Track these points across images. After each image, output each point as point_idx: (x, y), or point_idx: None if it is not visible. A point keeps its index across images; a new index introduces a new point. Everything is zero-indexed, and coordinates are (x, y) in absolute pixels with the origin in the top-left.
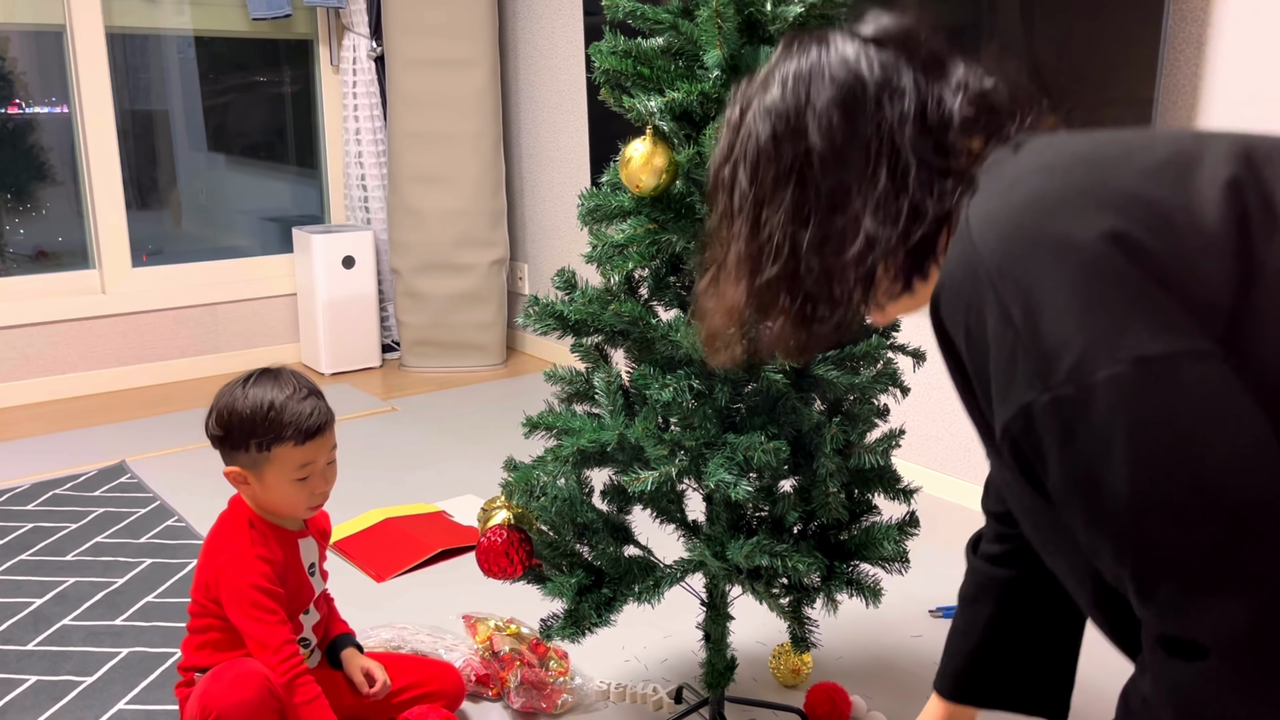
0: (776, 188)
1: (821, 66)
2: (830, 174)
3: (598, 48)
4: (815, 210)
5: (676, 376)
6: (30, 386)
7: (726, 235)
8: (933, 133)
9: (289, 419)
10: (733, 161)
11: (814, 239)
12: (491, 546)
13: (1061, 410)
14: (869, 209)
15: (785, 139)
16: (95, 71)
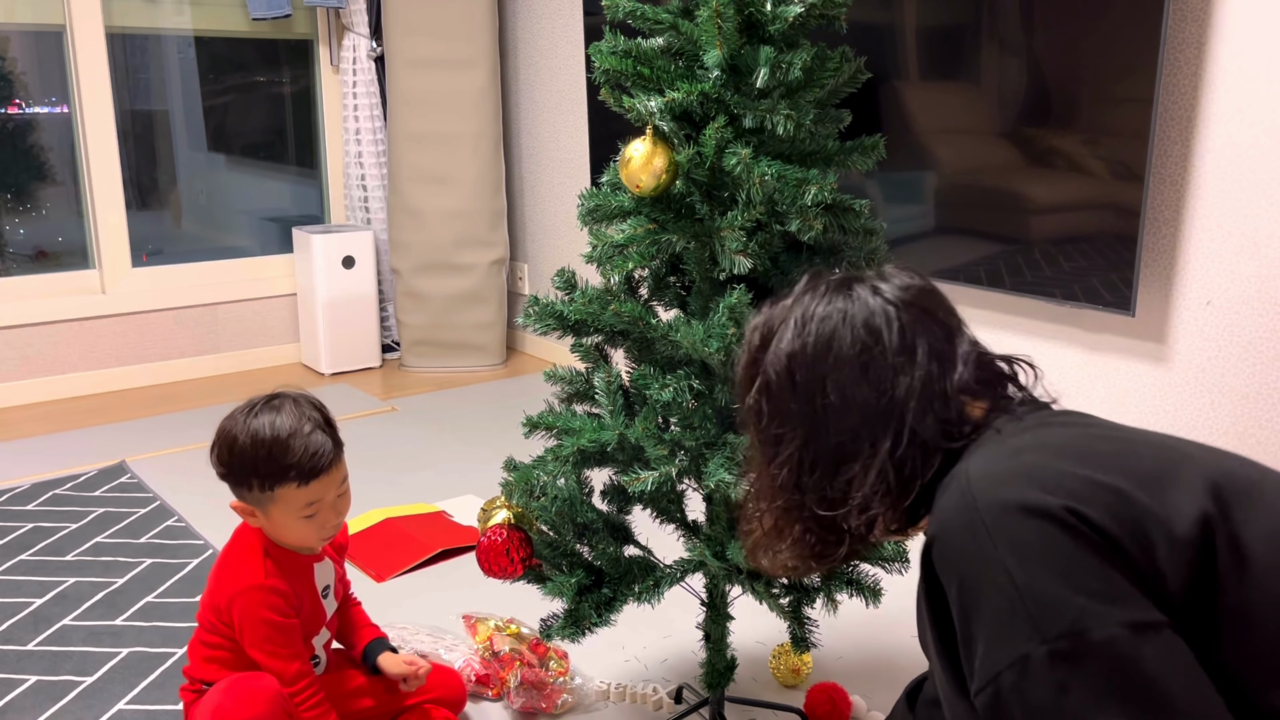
0: (789, 428)
1: (847, 320)
2: (837, 432)
3: (598, 48)
4: (820, 461)
5: (676, 376)
6: (30, 386)
7: (758, 456)
8: (935, 410)
9: (291, 460)
10: (755, 392)
11: (817, 486)
12: (492, 546)
13: (1057, 664)
14: (869, 475)
15: (802, 387)
16: (95, 71)
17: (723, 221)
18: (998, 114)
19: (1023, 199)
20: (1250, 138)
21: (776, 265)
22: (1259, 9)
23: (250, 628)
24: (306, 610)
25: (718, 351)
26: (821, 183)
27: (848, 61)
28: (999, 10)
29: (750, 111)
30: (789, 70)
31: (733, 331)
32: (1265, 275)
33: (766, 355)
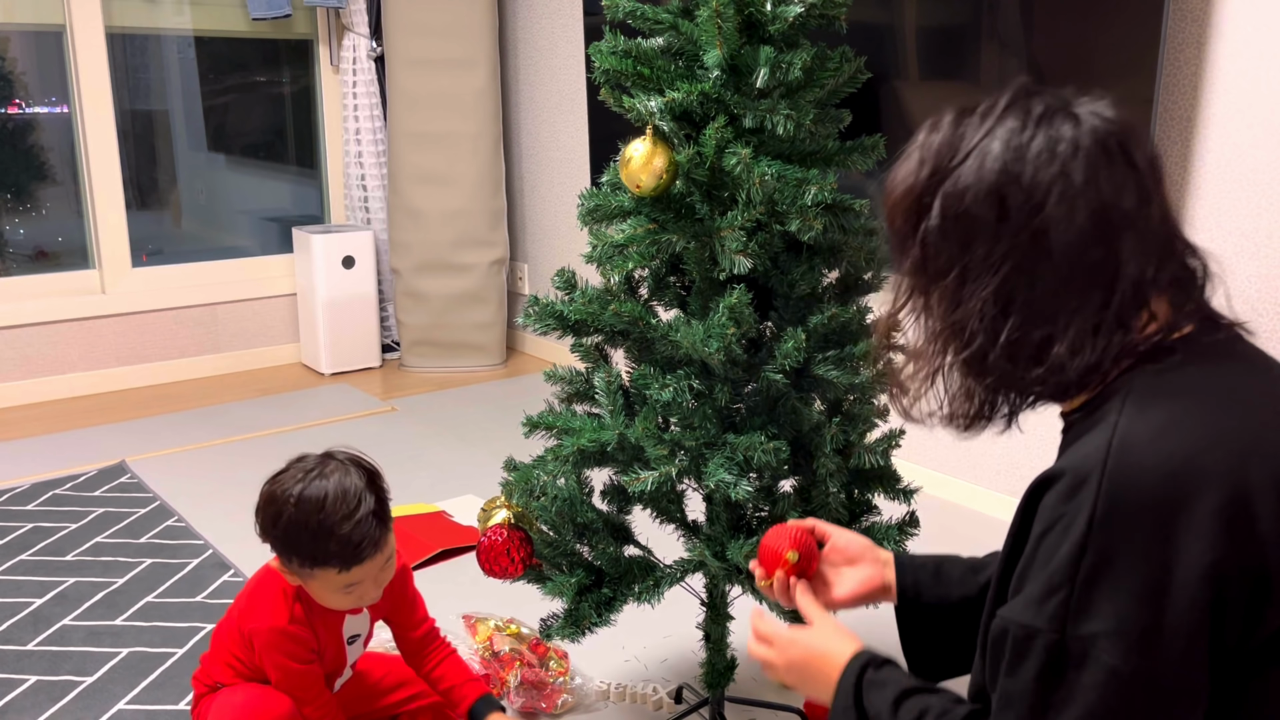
0: (987, 269)
1: (1080, 154)
2: (1052, 280)
3: (598, 48)
4: (1019, 312)
5: (676, 376)
6: (30, 386)
7: (921, 289)
8: (1141, 284)
9: (334, 547)
10: (939, 214)
11: (1007, 342)
12: (492, 546)
13: (1055, 657)
14: (1069, 334)
15: (1017, 218)
16: (95, 71)
17: (723, 221)
18: None
19: None
20: (1250, 138)
21: (776, 265)
22: (1259, 9)
23: (269, 665)
24: (329, 657)
25: (718, 351)
26: (821, 183)
27: (848, 61)
28: (999, 10)
29: (750, 111)
30: (789, 70)
31: (732, 331)
32: (1265, 275)
33: (962, 169)
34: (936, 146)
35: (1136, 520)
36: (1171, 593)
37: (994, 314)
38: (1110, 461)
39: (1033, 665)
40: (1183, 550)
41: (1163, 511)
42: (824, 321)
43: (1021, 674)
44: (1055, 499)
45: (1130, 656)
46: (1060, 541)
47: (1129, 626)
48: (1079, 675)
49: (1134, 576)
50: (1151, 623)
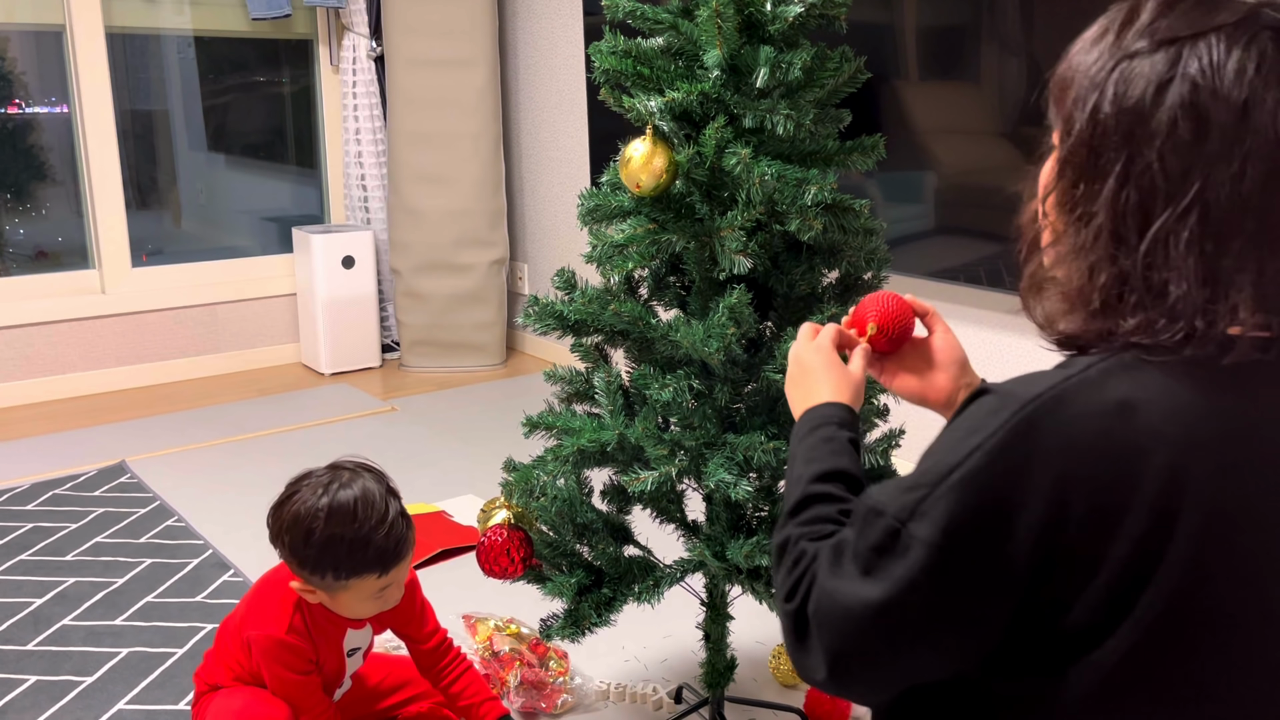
0: (1144, 178)
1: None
2: (1204, 214)
3: (597, 48)
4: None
5: (676, 376)
6: (30, 386)
7: (1075, 178)
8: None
9: (374, 553)
10: (1113, 99)
11: (1132, 231)
12: (492, 546)
13: (888, 539)
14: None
15: (1191, 133)
16: (95, 71)
17: (723, 221)
18: (998, 114)
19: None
20: None
21: (776, 265)
22: None
23: (268, 673)
24: (328, 669)
25: (718, 351)
26: (821, 183)
27: (848, 61)
28: (999, 10)
29: (750, 111)
30: (789, 70)
31: (732, 331)
32: None
33: (1156, 59)
34: (1136, 26)
35: (1016, 465)
36: (1001, 537)
37: (1147, 236)
38: (1041, 401)
39: (872, 535)
40: (1031, 508)
41: (1049, 469)
42: (824, 321)
43: (865, 536)
44: (976, 409)
45: (931, 567)
46: (952, 447)
47: (945, 537)
48: (895, 562)
49: (980, 503)
50: (961, 553)
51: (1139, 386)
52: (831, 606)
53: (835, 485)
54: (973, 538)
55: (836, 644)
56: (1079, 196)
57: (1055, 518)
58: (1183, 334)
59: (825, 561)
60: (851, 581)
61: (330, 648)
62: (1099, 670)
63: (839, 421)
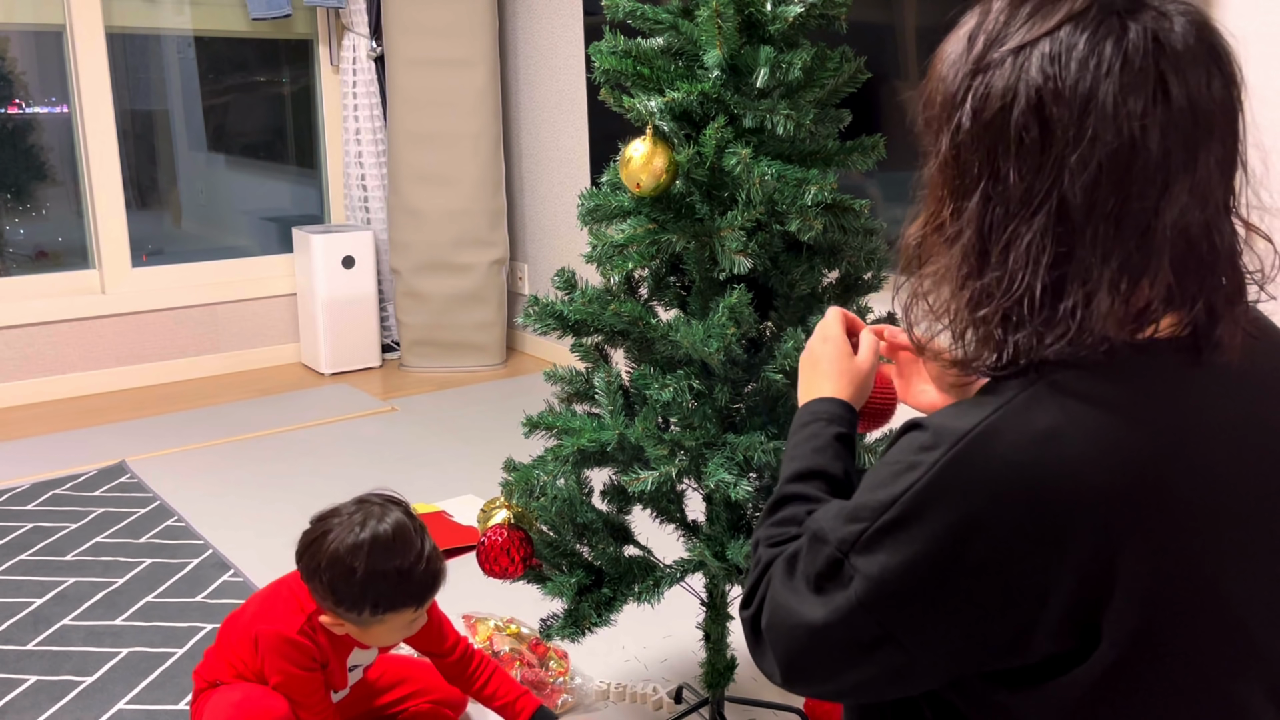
0: (1009, 190)
1: (1108, 75)
2: (1077, 211)
3: (598, 48)
4: (1026, 233)
5: (676, 376)
6: (30, 386)
7: (946, 196)
8: (1131, 256)
9: (415, 588)
10: (970, 115)
11: (1001, 256)
12: (492, 546)
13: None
14: (1083, 278)
15: (1057, 133)
16: (95, 71)
17: (723, 221)
18: None
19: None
20: (1249, 139)
21: (776, 265)
22: (1258, 9)
23: (271, 668)
24: (331, 673)
25: (718, 351)
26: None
27: (848, 61)
28: None
29: (750, 111)
30: (789, 70)
31: (732, 331)
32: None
33: (993, 80)
34: (985, 32)
35: (953, 503)
36: (938, 574)
37: (992, 229)
38: (971, 437)
39: (818, 562)
40: (967, 543)
41: (981, 506)
42: None
43: (811, 560)
44: (909, 443)
45: (870, 604)
46: (888, 482)
47: (886, 580)
48: (838, 591)
49: (919, 546)
50: (902, 589)
51: (1063, 412)
52: (781, 620)
53: (810, 484)
54: (909, 574)
55: (786, 655)
56: (946, 216)
57: (992, 553)
58: (1069, 342)
59: (780, 575)
60: (799, 598)
61: (335, 661)
62: (1072, 688)
63: (828, 417)
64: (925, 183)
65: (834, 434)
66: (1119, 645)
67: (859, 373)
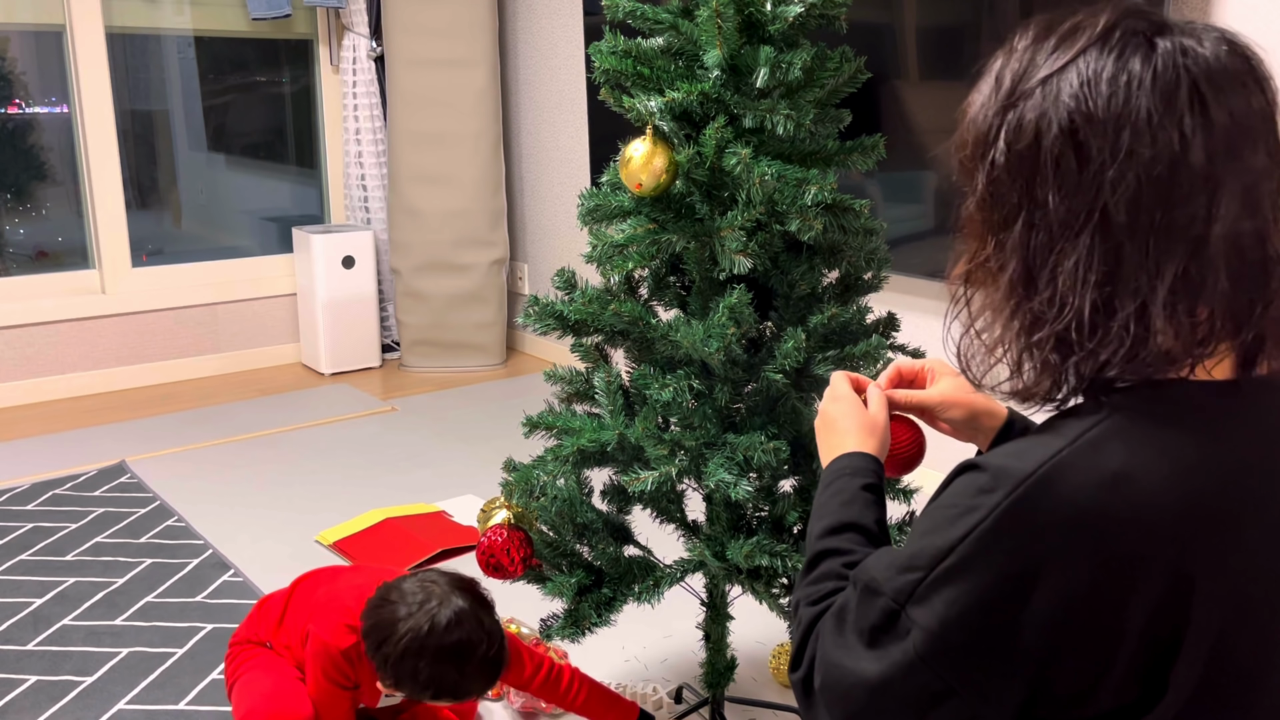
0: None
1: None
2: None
3: (598, 48)
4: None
5: (676, 376)
6: (30, 386)
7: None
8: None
9: (475, 686)
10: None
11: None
12: (492, 546)
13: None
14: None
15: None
16: (95, 71)
17: (723, 221)
18: None
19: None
20: None
21: (776, 265)
22: (1258, 9)
23: (310, 671)
24: (364, 693)
25: (718, 351)
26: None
27: (848, 61)
28: (999, 10)
29: (750, 111)
30: (789, 70)
31: (732, 331)
32: None
33: (1024, 111)
34: (1011, 70)
35: (1016, 548)
36: (1001, 622)
37: (1057, 271)
38: (1035, 480)
39: (871, 615)
40: (1032, 590)
41: (1045, 552)
42: (824, 321)
43: (864, 613)
44: (967, 484)
45: (930, 657)
46: (944, 527)
47: (946, 632)
48: (895, 644)
49: (980, 595)
50: (964, 641)
51: (1130, 453)
52: (836, 680)
53: (842, 538)
54: (971, 624)
55: (845, 716)
56: (990, 250)
57: (1058, 601)
58: (1126, 359)
59: (829, 632)
60: (853, 655)
61: (369, 686)
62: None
63: (851, 470)
64: (964, 222)
65: (860, 485)
66: (1184, 693)
67: (876, 424)
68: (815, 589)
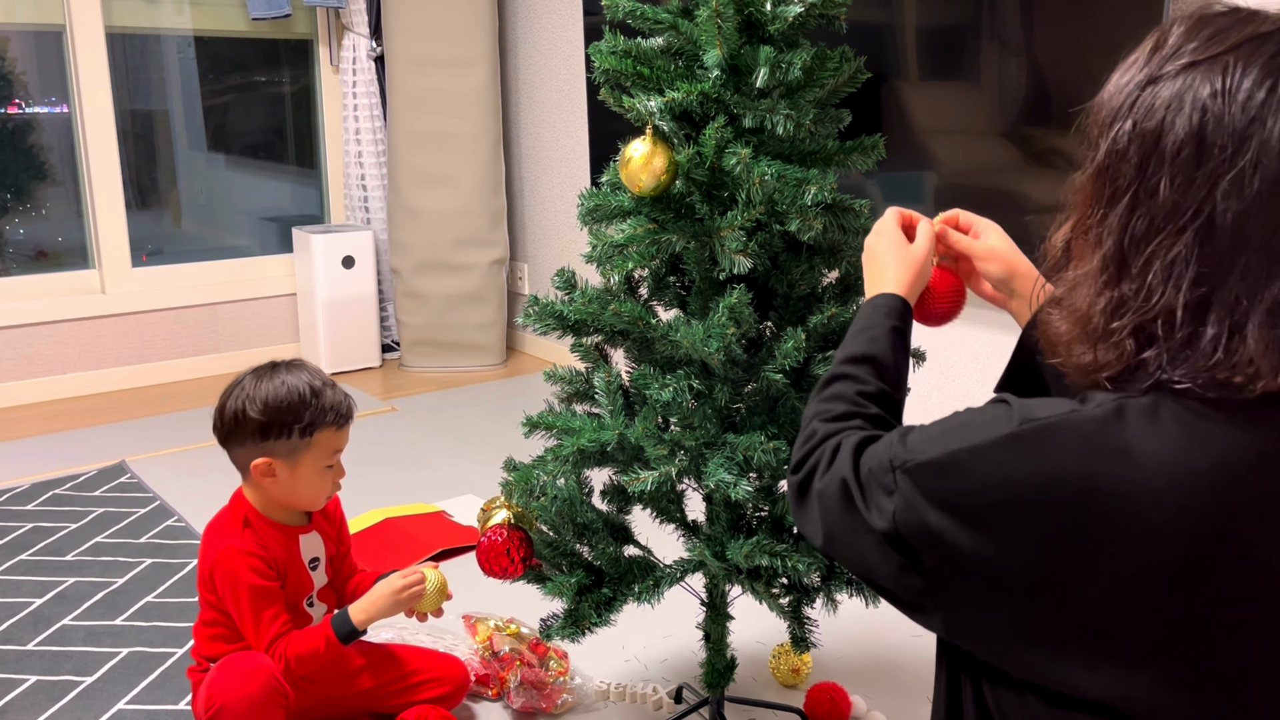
0: (1159, 205)
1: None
2: (1215, 244)
3: (597, 47)
4: (1177, 266)
5: (676, 376)
6: (30, 386)
7: (1094, 203)
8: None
9: (329, 403)
10: (1130, 126)
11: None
12: (492, 546)
13: (887, 473)
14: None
15: (1200, 158)
16: (95, 71)
17: (723, 221)
18: (998, 114)
19: (1023, 199)
20: None
21: (776, 265)
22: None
23: (231, 593)
24: (291, 579)
25: (718, 351)
26: (821, 183)
27: (848, 61)
28: (999, 10)
29: (750, 111)
30: (789, 70)
31: (732, 331)
32: None
33: (1157, 95)
34: (1160, 52)
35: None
36: (963, 542)
37: (1152, 260)
38: (1042, 424)
39: (871, 462)
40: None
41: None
42: (824, 321)
43: (874, 462)
44: (991, 409)
45: (902, 525)
46: (955, 433)
47: (913, 511)
48: (881, 497)
49: (954, 501)
50: (931, 533)
51: (1144, 435)
52: (833, 493)
53: (862, 368)
54: (938, 520)
55: (829, 528)
56: (1093, 221)
57: (1024, 540)
58: (1210, 374)
59: (847, 450)
60: (852, 487)
61: (289, 555)
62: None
63: (886, 309)
64: (1076, 188)
65: (890, 326)
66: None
67: (915, 259)
68: (828, 406)
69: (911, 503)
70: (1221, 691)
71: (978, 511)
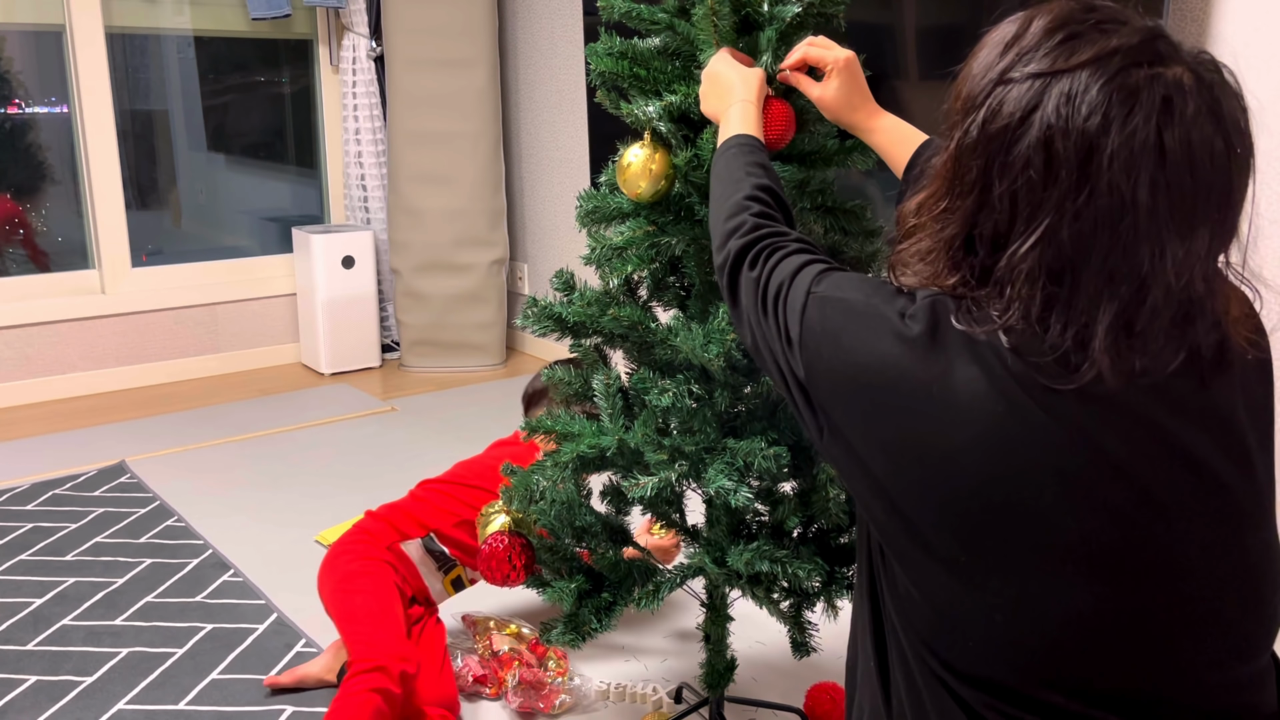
0: (997, 199)
1: (1108, 118)
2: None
3: (594, 49)
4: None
5: (676, 381)
6: (30, 386)
7: (945, 187)
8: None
9: None
10: (981, 123)
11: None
12: (493, 553)
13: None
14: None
15: (1064, 172)
16: (95, 71)
17: None
18: None
19: None
20: None
21: None
22: (1258, 10)
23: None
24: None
25: (718, 357)
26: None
27: None
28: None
29: None
30: None
31: (732, 336)
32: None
33: (1006, 99)
34: (1019, 45)
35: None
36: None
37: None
38: (833, 299)
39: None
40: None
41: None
42: None
43: (781, 260)
44: (824, 275)
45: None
46: (804, 280)
47: (746, 311)
48: (758, 264)
49: (796, 338)
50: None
51: (924, 317)
52: (742, 276)
53: (754, 202)
54: (768, 338)
55: (736, 260)
56: (941, 208)
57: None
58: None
59: (779, 257)
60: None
61: None
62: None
63: (748, 147)
64: (935, 165)
65: (754, 160)
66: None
67: (759, 74)
68: (736, 221)
69: (746, 297)
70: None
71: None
